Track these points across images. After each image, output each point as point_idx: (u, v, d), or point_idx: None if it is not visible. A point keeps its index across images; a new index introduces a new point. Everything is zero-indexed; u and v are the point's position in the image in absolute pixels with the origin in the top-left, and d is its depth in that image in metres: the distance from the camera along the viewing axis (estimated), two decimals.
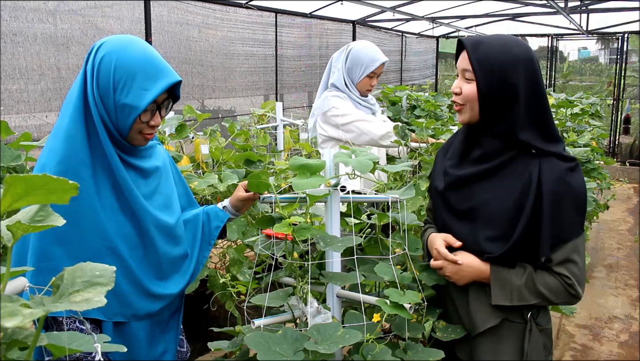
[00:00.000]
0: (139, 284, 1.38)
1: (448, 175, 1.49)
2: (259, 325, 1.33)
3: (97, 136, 1.30)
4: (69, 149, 1.28)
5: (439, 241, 1.46)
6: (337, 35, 7.42)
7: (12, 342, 0.69)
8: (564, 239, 1.37)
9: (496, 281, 1.39)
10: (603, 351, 3.32)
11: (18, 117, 3.62)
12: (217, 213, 1.60)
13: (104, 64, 1.29)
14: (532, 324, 1.43)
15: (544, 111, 1.39)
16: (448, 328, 1.48)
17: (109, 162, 1.32)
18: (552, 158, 1.38)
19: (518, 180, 1.38)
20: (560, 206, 1.36)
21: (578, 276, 1.39)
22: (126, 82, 1.28)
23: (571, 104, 4.20)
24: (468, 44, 1.39)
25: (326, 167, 1.43)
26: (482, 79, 1.36)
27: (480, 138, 1.43)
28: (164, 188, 1.49)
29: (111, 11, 4.26)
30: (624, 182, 7.92)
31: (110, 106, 1.30)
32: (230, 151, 2.69)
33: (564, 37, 9.96)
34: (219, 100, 5.60)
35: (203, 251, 1.58)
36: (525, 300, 1.39)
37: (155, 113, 1.35)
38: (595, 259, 4.89)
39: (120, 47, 1.30)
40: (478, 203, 1.42)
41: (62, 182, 0.62)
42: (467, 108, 1.41)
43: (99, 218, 1.30)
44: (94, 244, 1.30)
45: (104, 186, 1.32)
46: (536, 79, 1.38)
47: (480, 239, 1.40)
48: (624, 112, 9.58)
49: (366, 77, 2.79)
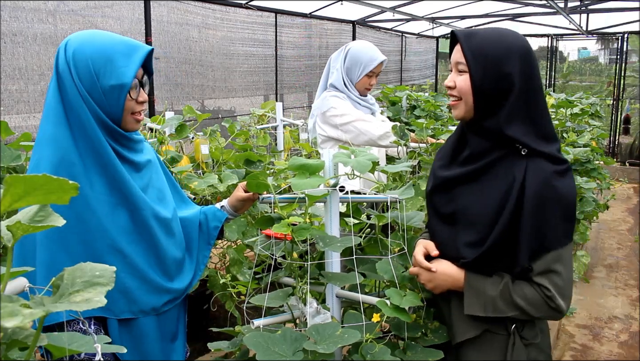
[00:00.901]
0: (144, 278, 1.38)
1: (435, 177, 1.44)
2: (259, 325, 1.33)
3: (85, 134, 1.30)
4: (57, 154, 1.28)
5: (418, 248, 1.42)
6: (337, 36, 7.42)
7: (12, 342, 0.69)
8: (546, 248, 1.28)
9: (470, 289, 1.32)
10: (603, 351, 3.32)
11: (18, 118, 3.62)
12: (215, 213, 1.60)
13: (79, 59, 1.30)
14: (516, 337, 1.35)
15: (538, 106, 1.32)
16: (439, 330, 1.44)
17: (102, 159, 1.32)
18: (540, 160, 1.29)
19: (502, 182, 1.31)
20: (544, 211, 1.27)
21: (560, 288, 1.29)
22: (106, 66, 1.30)
23: (571, 104, 4.20)
24: (461, 35, 1.33)
25: (325, 168, 1.43)
26: (475, 69, 1.29)
27: (470, 137, 1.37)
28: (156, 182, 1.49)
29: (111, 11, 4.26)
30: (623, 182, 7.92)
31: (98, 95, 1.31)
32: (230, 151, 2.69)
33: (564, 37, 9.96)
34: (219, 100, 5.60)
35: (203, 251, 1.58)
36: (500, 312, 1.31)
37: (140, 90, 1.39)
38: (595, 259, 4.89)
39: (87, 38, 1.33)
40: (461, 206, 1.36)
41: (62, 182, 0.63)
42: (462, 103, 1.35)
43: (97, 217, 1.31)
44: (95, 244, 1.31)
45: (98, 185, 1.32)
46: (532, 71, 1.31)
47: (459, 244, 1.34)
48: (624, 112, 9.58)
49: (365, 77, 2.79)
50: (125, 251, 1.34)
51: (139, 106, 1.39)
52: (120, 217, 1.35)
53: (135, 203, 1.37)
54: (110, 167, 1.33)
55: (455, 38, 1.35)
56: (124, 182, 1.35)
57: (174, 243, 1.48)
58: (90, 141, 1.31)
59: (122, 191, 1.35)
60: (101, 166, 1.32)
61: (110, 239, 1.32)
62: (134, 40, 1.37)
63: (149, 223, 1.39)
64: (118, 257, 1.33)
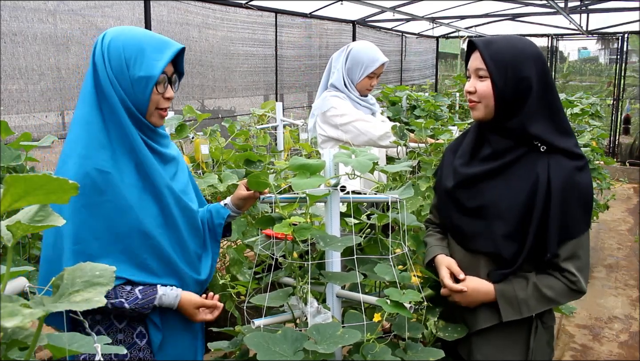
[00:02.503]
0: (169, 263, 1.42)
1: (457, 174, 1.51)
2: (259, 325, 1.33)
3: (114, 119, 1.36)
4: (88, 136, 1.35)
5: (443, 272, 1.48)
6: (337, 36, 7.42)
7: (12, 342, 0.69)
8: (571, 236, 1.40)
9: (502, 298, 1.42)
10: (603, 351, 3.32)
11: (18, 117, 3.62)
12: (218, 210, 1.62)
13: (112, 48, 1.37)
14: (538, 322, 1.47)
15: (556, 103, 1.43)
16: (448, 327, 1.48)
17: (130, 143, 1.37)
18: (560, 156, 1.41)
19: (526, 178, 1.41)
20: (569, 204, 1.39)
21: (582, 270, 1.42)
22: (137, 57, 1.36)
23: (571, 104, 4.20)
24: (480, 43, 1.43)
25: (326, 167, 1.43)
26: (496, 74, 1.39)
27: (490, 136, 1.46)
28: (181, 177, 1.53)
29: (111, 11, 4.26)
30: (624, 182, 7.92)
31: (126, 84, 1.36)
32: (230, 151, 2.69)
33: (564, 37, 9.96)
34: (219, 100, 5.60)
35: (213, 248, 1.60)
36: (534, 310, 1.42)
37: (168, 86, 1.43)
38: (595, 259, 4.89)
39: (124, 31, 1.41)
40: (488, 201, 1.45)
41: (62, 182, 0.62)
42: (481, 105, 1.44)
43: (124, 197, 1.34)
44: (121, 222, 1.34)
45: (126, 167, 1.36)
46: (546, 72, 1.42)
47: (496, 236, 1.43)
48: (624, 112, 9.58)
49: (366, 78, 2.79)
50: (152, 233, 1.38)
51: (165, 102, 1.43)
52: (147, 201, 1.39)
53: (161, 190, 1.40)
54: (138, 152, 1.38)
55: (473, 46, 1.45)
56: (150, 168, 1.39)
57: (196, 235, 1.52)
58: (119, 125, 1.36)
59: (149, 177, 1.39)
60: (129, 150, 1.37)
61: (136, 220, 1.36)
62: (166, 38, 1.43)
63: (173, 212, 1.43)
64: (143, 238, 1.37)
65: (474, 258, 1.49)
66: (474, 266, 1.49)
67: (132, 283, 1.38)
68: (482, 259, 1.48)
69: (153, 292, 1.39)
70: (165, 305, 1.40)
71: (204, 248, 1.57)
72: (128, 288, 1.37)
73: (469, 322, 1.49)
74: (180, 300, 1.42)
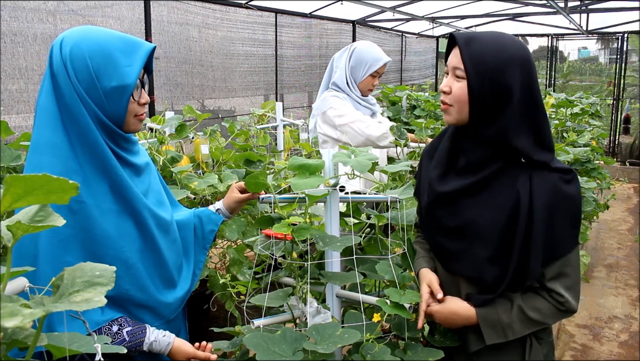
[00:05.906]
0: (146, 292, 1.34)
1: (432, 190, 1.38)
2: (259, 325, 1.33)
3: (84, 140, 1.23)
4: (56, 161, 1.21)
5: (424, 288, 1.39)
6: (337, 36, 7.42)
7: (12, 342, 0.69)
8: (557, 256, 1.29)
9: (484, 322, 1.33)
10: (603, 351, 3.32)
11: (18, 117, 3.62)
12: (210, 216, 1.56)
13: (76, 57, 1.21)
14: (532, 339, 1.38)
15: (540, 117, 1.28)
16: (447, 332, 1.45)
17: (103, 165, 1.25)
18: (543, 170, 1.28)
19: (507, 195, 1.28)
20: (554, 221, 1.26)
21: (571, 288, 1.31)
22: (107, 66, 1.22)
23: (571, 104, 4.20)
24: (461, 39, 1.26)
25: (325, 167, 1.43)
26: (474, 78, 1.24)
27: (466, 145, 1.33)
28: (154, 185, 1.45)
29: (111, 11, 4.26)
30: (624, 182, 7.92)
31: (98, 97, 1.23)
32: (230, 151, 2.69)
33: (564, 37, 9.96)
34: (219, 100, 5.60)
35: (198, 256, 1.55)
36: (520, 333, 1.32)
37: (142, 91, 1.32)
38: (595, 259, 4.89)
39: (84, 35, 1.23)
40: (467, 220, 1.32)
41: (62, 182, 0.63)
42: (454, 109, 1.30)
43: (100, 226, 1.25)
44: (100, 255, 1.25)
45: (100, 192, 1.25)
46: (531, 81, 1.26)
47: (479, 259, 1.31)
48: (624, 112, 9.57)
49: (369, 77, 2.80)
50: (130, 262, 1.29)
51: (142, 108, 1.33)
52: (125, 226, 1.29)
53: (139, 210, 1.31)
54: (112, 173, 1.26)
55: (454, 41, 1.29)
56: (127, 190, 1.29)
57: (174, 249, 1.45)
58: (89, 147, 1.23)
59: (125, 198, 1.29)
60: (103, 172, 1.26)
61: (115, 250, 1.26)
62: (134, 37, 1.29)
63: (152, 231, 1.35)
64: (124, 269, 1.28)
65: (454, 278, 1.40)
66: (455, 286, 1.40)
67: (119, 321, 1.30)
68: (463, 281, 1.38)
69: (142, 334, 1.29)
70: (155, 351, 1.32)
71: (185, 256, 1.50)
72: (115, 329, 1.26)
73: (463, 341, 1.42)
74: (172, 349, 1.33)
